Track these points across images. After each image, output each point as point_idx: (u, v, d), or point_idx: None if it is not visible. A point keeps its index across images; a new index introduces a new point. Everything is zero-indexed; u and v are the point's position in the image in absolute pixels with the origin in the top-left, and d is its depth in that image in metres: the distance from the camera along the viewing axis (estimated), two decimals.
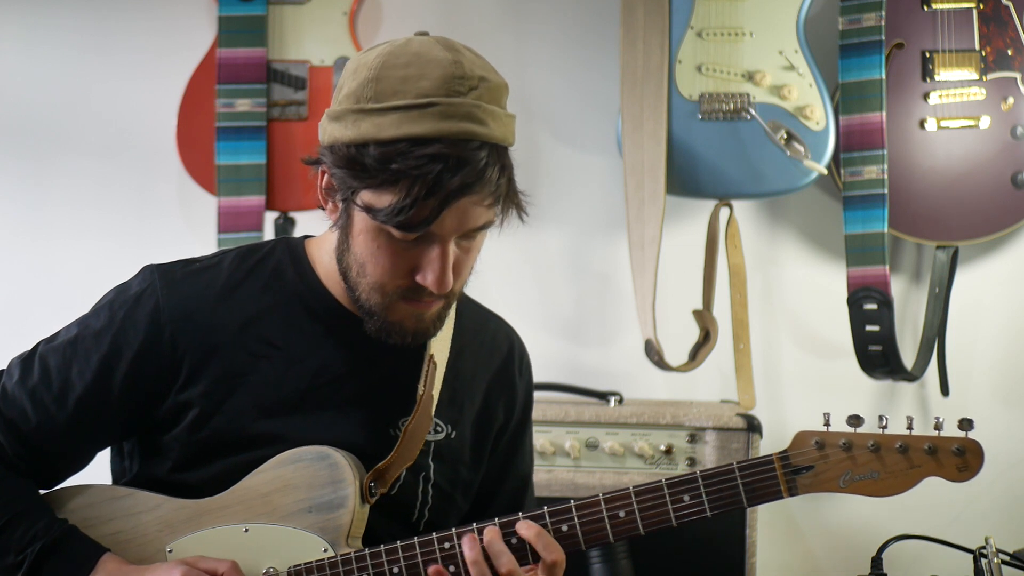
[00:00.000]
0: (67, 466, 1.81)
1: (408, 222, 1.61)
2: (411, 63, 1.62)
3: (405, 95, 1.61)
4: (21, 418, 1.75)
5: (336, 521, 1.71)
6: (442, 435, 1.82)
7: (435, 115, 1.60)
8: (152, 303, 1.74)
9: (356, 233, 1.68)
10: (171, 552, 1.73)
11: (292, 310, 1.78)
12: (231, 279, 1.78)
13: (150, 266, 1.80)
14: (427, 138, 1.59)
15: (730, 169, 2.96)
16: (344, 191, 1.66)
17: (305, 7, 3.11)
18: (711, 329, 3.04)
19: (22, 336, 1.93)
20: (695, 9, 2.98)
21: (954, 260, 3.07)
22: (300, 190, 3.10)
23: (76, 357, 1.75)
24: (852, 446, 1.65)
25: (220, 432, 1.74)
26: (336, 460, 1.71)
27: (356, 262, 1.70)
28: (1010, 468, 3.18)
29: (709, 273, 3.07)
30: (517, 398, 1.92)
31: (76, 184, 3.30)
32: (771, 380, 3.22)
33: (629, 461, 2.78)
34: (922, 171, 3.03)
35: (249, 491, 1.73)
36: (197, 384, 1.74)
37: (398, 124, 1.60)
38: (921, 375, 3.10)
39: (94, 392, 1.74)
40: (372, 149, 1.61)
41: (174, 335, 1.73)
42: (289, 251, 1.82)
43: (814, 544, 3.17)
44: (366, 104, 1.62)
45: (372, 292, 1.70)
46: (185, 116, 3.12)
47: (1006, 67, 3.01)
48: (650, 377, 3.10)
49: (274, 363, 1.76)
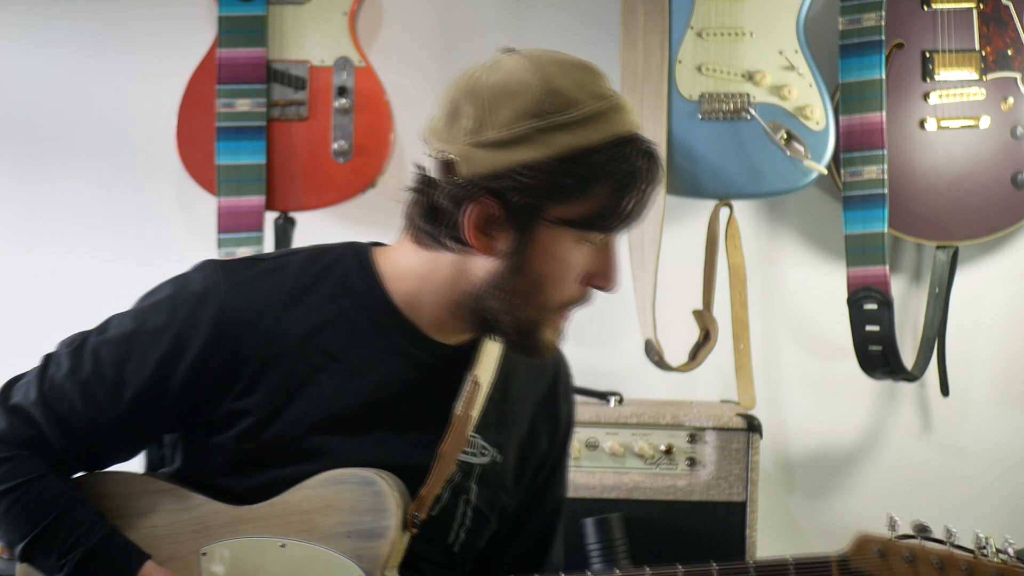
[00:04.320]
0: (112, 459, 1.76)
1: (616, 221, 1.61)
2: (564, 70, 1.60)
3: (584, 101, 1.58)
4: (70, 412, 1.69)
5: (375, 551, 1.66)
6: (487, 459, 1.78)
7: (617, 111, 1.60)
8: (216, 305, 1.68)
9: (537, 254, 1.63)
10: (205, 555, 1.69)
11: (357, 322, 1.71)
12: (297, 285, 1.71)
13: (213, 262, 1.73)
14: (626, 135, 1.59)
15: (730, 169, 2.96)
16: (527, 214, 1.61)
17: (305, 7, 3.11)
18: (711, 329, 3.04)
19: (22, 336, 1.93)
20: (695, 9, 2.98)
21: (954, 260, 3.07)
22: (300, 190, 3.09)
23: (133, 354, 1.68)
24: (916, 560, 1.59)
25: (271, 442, 1.69)
26: (381, 488, 1.67)
27: (530, 283, 1.64)
28: (1010, 468, 3.18)
29: (709, 273, 3.07)
30: (560, 425, 1.88)
31: (76, 184, 3.30)
32: (771, 380, 3.22)
33: (629, 461, 2.78)
34: (922, 171, 3.03)
35: (290, 506, 1.68)
36: (255, 392, 1.68)
37: (597, 129, 1.58)
38: (921, 375, 3.10)
39: (150, 391, 1.68)
40: (580, 159, 1.58)
41: (237, 340, 1.67)
42: (357, 260, 1.75)
43: (814, 544, 3.17)
44: (555, 118, 1.58)
45: (536, 311, 1.66)
46: (185, 116, 3.11)
47: (1006, 67, 3.01)
48: (650, 377, 3.10)
49: (334, 376, 1.70)
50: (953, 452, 3.21)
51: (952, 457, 3.21)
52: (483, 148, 1.60)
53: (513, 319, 1.66)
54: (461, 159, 1.61)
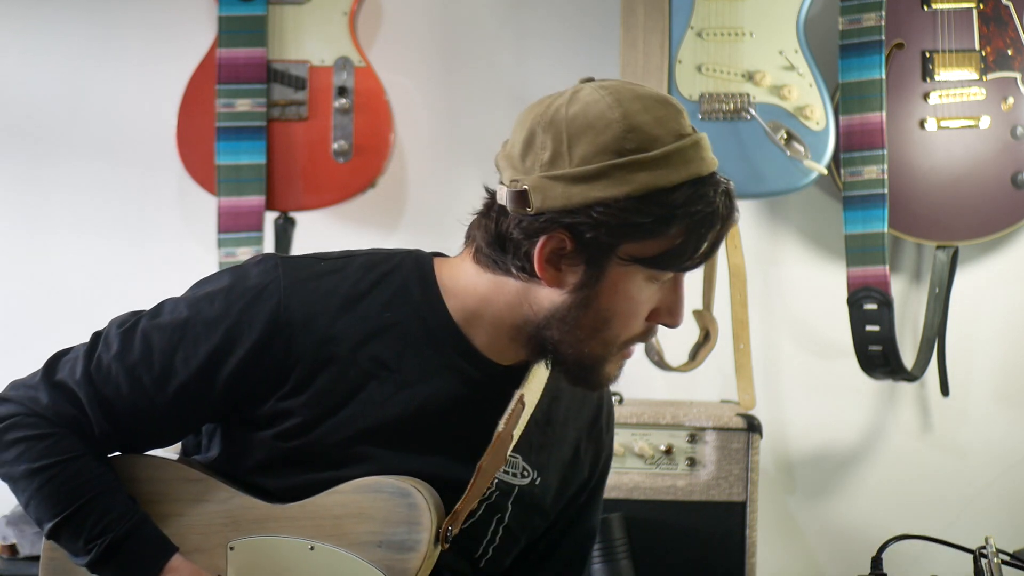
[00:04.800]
0: (149, 445, 1.74)
1: (689, 261, 1.61)
2: (645, 105, 1.59)
3: (665, 139, 1.58)
4: (115, 395, 1.67)
5: (405, 564, 1.63)
6: (527, 480, 1.76)
7: (696, 149, 1.59)
8: (274, 301, 1.66)
9: (607, 290, 1.62)
10: (232, 550, 1.68)
11: (412, 333, 1.69)
12: (355, 289, 1.69)
13: (273, 257, 1.72)
14: (703, 176, 1.59)
15: (730, 169, 2.93)
16: (599, 251, 1.59)
17: (305, 7, 3.11)
18: (711, 329, 3.04)
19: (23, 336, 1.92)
20: (695, 9, 2.98)
21: (954, 260, 3.07)
22: (300, 190, 3.10)
23: (184, 342, 1.66)
24: None
25: (313, 445, 1.67)
26: (416, 501, 1.64)
27: (598, 318, 1.63)
28: (1010, 468, 3.18)
29: (709, 273, 3.07)
30: (603, 454, 1.87)
31: (76, 184, 3.30)
32: (771, 380, 3.22)
33: (629, 461, 2.78)
34: (922, 171, 3.03)
35: (321, 509, 1.66)
36: (303, 394, 1.66)
37: (677, 168, 1.57)
38: (921, 375, 3.10)
39: (197, 383, 1.66)
40: (655, 199, 1.57)
41: (290, 340, 1.65)
42: (417, 269, 1.72)
43: (814, 544, 3.17)
44: (635, 156, 1.57)
45: (600, 345, 1.64)
46: (185, 116, 3.11)
47: (1006, 67, 3.01)
48: (650, 377, 3.10)
49: (383, 385, 1.68)
50: (953, 452, 3.21)
51: (952, 457, 3.21)
52: (559, 181, 1.58)
53: (575, 352, 1.65)
54: (535, 190, 1.59)
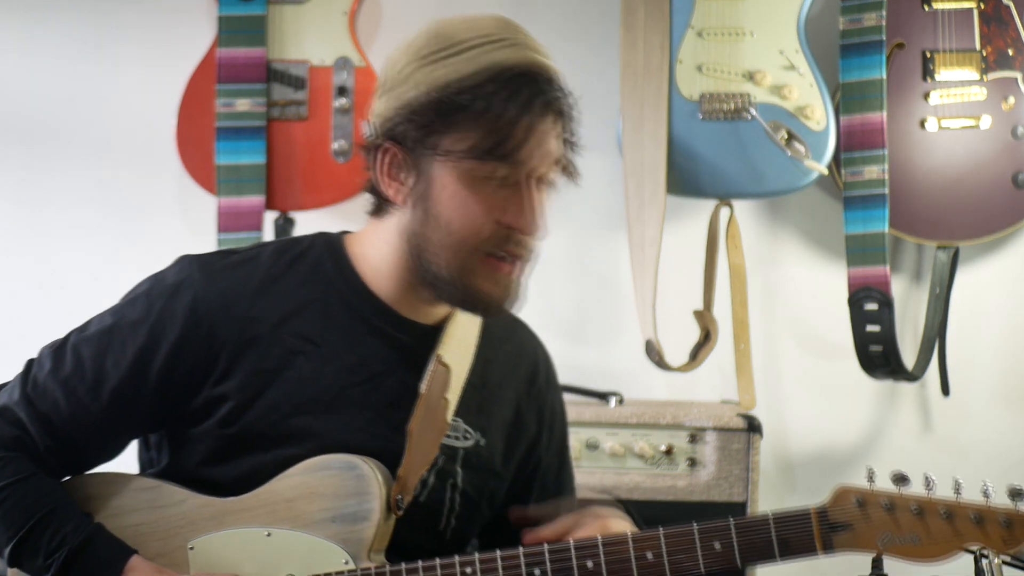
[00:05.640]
0: (96, 457, 1.78)
1: (502, 149, 1.63)
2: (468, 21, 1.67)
3: (470, 40, 1.64)
4: (53, 409, 1.72)
5: (359, 534, 1.68)
6: (471, 443, 1.80)
7: (508, 46, 1.64)
8: (190, 294, 1.71)
9: (439, 192, 1.67)
10: (192, 549, 1.71)
11: (330, 305, 1.75)
12: (270, 273, 1.75)
13: (187, 256, 1.77)
14: (508, 65, 1.63)
15: (730, 169, 2.96)
16: (421, 151, 1.67)
17: (305, 7, 3.11)
18: (711, 329, 3.04)
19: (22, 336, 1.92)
20: (695, 9, 2.98)
21: (955, 260, 3.07)
22: (300, 190, 3.10)
23: (111, 347, 1.72)
24: (895, 507, 1.58)
25: (252, 426, 1.71)
26: (363, 472, 1.69)
27: (440, 225, 1.68)
28: (1010, 468, 3.18)
29: (709, 273, 3.07)
30: (545, 409, 1.91)
31: (76, 184, 3.30)
32: (771, 380, 3.22)
33: (629, 461, 2.78)
34: (923, 171, 3.03)
35: (273, 495, 1.70)
36: (233, 377, 1.71)
37: (476, 59, 1.63)
38: (922, 375, 3.10)
39: (129, 383, 1.71)
40: (454, 89, 1.63)
41: (212, 327, 1.71)
42: (328, 246, 1.80)
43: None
44: (435, 55, 1.65)
45: (455, 255, 1.68)
46: (185, 116, 3.11)
47: (1007, 67, 3.01)
48: (650, 377, 3.10)
49: (311, 359, 1.73)
50: (953, 452, 3.21)
51: (952, 457, 3.21)
52: (381, 99, 1.69)
53: (443, 273, 1.70)
54: (371, 116, 1.71)
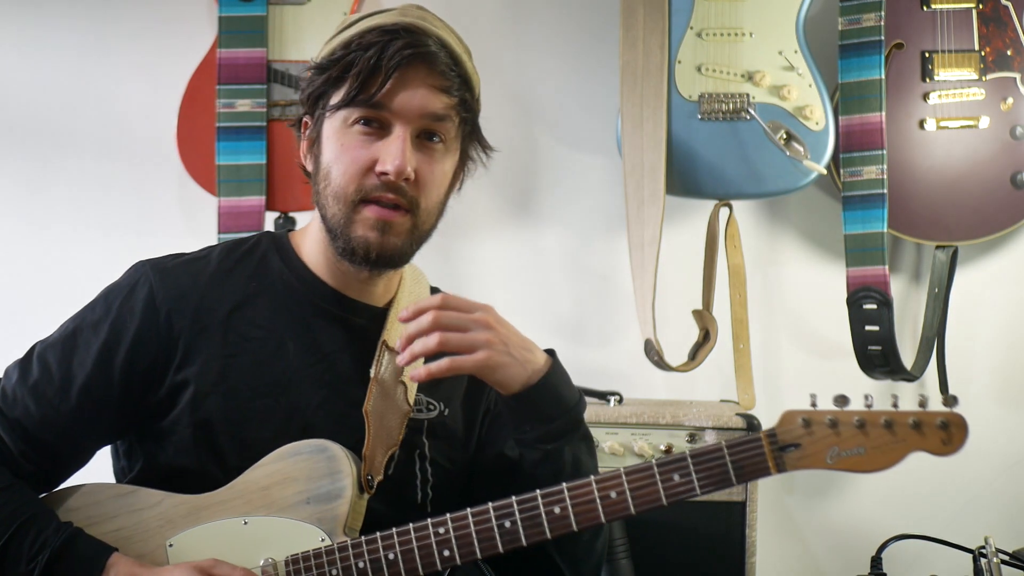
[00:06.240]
0: (70, 461, 1.83)
1: (364, 94, 1.74)
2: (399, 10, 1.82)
3: (365, 15, 1.81)
4: (24, 415, 1.78)
5: (334, 511, 1.74)
6: (435, 413, 1.88)
7: (390, 14, 1.80)
8: (146, 289, 1.81)
9: (324, 146, 1.80)
10: (171, 547, 1.75)
11: (278, 293, 1.84)
12: (220, 267, 1.86)
13: (141, 261, 1.87)
14: (380, 24, 1.77)
15: (730, 169, 2.96)
16: (317, 111, 1.80)
17: (305, 7, 3.11)
18: (711, 329, 3.04)
19: (23, 337, 1.93)
20: (695, 9, 2.98)
21: (953, 260, 3.08)
22: (300, 190, 3.10)
23: (76, 349, 1.79)
24: (838, 423, 1.68)
25: (215, 412, 1.77)
26: (334, 453, 1.75)
27: (326, 176, 1.79)
28: (1010, 468, 3.18)
29: (709, 273, 3.07)
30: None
31: (76, 184, 3.30)
32: (771, 380, 3.22)
33: (629, 461, 2.78)
34: (922, 171, 3.03)
35: (248, 484, 1.75)
36: (192, 363, 1.78)
37: (357, 25, 1.78)
38: (921, 375, 3.11)
39: (96, 380, 1.78)
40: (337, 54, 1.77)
41: (169, 316, 1.79)
42: (274, 242, 1.91)
43: (814, 544, 3.17)
44: (333, 34, 1.82)
45: (337, 202, 1.78)
46: (185, 116, 3.12)
47: (1005, 67, 3.01)
48: (650, 377, 3.10)
49: (264, 344, 1.81)
50: None
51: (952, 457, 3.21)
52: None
53: (330, 223, 1.80)
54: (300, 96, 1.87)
